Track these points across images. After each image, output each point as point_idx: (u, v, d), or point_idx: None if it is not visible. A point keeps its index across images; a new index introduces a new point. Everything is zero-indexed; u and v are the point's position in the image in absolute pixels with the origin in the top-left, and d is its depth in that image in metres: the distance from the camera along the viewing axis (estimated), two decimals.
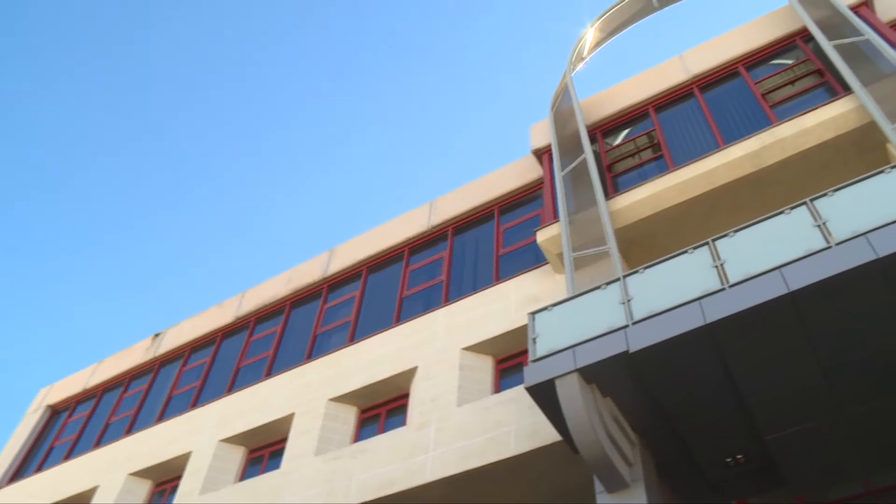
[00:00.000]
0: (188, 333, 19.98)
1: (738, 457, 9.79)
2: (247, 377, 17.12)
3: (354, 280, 17.47)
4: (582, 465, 10.03)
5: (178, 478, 16.24)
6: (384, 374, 14.04)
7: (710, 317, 8.37)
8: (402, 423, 13.14)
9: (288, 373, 15.95)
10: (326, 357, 15.57)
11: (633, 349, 8.66)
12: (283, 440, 14.75)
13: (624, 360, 8.79)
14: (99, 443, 18.97)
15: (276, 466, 14.20)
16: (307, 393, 14.90)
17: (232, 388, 17.03)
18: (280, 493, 13.09)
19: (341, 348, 15.52)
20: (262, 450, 15.34)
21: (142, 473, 16.77)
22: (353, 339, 15.67)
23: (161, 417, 17.96)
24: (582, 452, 8.86)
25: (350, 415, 14.27)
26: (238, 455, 15.42)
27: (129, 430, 18.45)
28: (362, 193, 63.46)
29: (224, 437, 15.55)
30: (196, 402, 17.55)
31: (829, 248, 8.27)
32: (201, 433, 16.09)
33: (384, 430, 13.58)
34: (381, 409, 14.12)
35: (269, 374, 16.52)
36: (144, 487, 16.72)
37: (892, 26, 13.45)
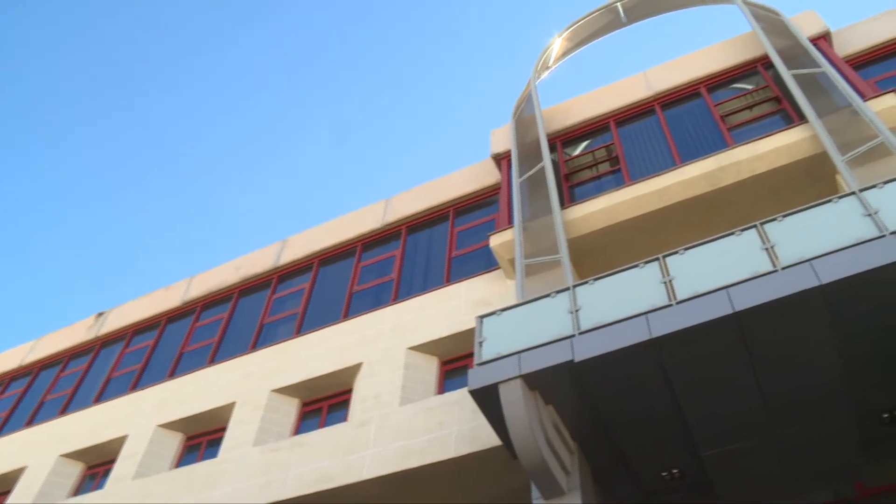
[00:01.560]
0: (132, 315, 19.66)
1: (674, 471, 9.92)
2: (190, 363, 16.89)
3: (305, 272, 17.35)
4: (519, 471, 10.08)
5: (112, 461, 15.96)
6: (328, 368, 13.96)
7: (656, 331, 8.47)
8: (344, 418, 13.08)
9: (232, 361, 15.78)
10: (272, 348, 15.44)
11: (578, 359, 8.72)
12: (223, 429, 14.59)
13: (568, 369, 8.85)
14: (31, 422, 18.57)
15: (214, 455, 14.03)
16: (250, 383, 14.75)
17: (174, 373, 16.79)
18: (216, 482, 12.94)
19: (287, 340, 15.41)
20: (201, 437, 15.15)
21: (74, 455, 16.45)
22: (300, 331, 15.56)
23: (98, 399, 17.64)
24: (521, 458, 8.90)
25: (292, 407, 14.17)
26: (175, 441, 15.21)
27: (64, 410, 18.09)
28: (319, 187, 63.12)
29: (162, 422, 15.32)
30: (136, 385, 17.27)
31: (776, 271, 8.44)
32: (139, 417, 15.84)
33: (325, 424, 13.50)
34: (324, 403, 14.03)
35: (213, 361, 16.33)
36: (75, 470, 16.41)
37: (847, 61, 13.82)
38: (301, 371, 14.27)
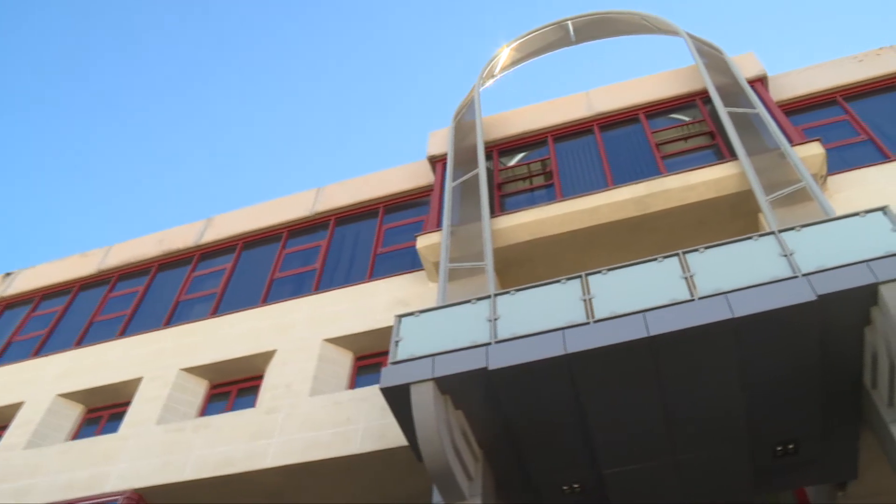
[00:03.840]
0: (43, 278, 19.00)
1: (575, 485, 10.03)
2: (99, 333, 16.41)
3: (228, 253, 17.06)
4: (423, 473, 10.05)
5: (4, 428, 15.38)
6: (241, 352, 13.75)
7: (571, 347, 8.57)
8: (252, 404, 12.88)
9: (143, 335, 15.39)
10: (186, 326, 15.13)
11: (491, 367, 8.76)
12: (126, 404, 14.17)
13: (481, 377, 8.88)
14: None
15: (114, 430, 13.64)
16: (159, 359, 14.41)
17: (81, 342, 16.29)
18: (112, 458, 12.58)
19: (202, 319, 15.11)
20: (102, 411, 14.72)
21: None
22: (217, 312, 15.30)
23: None
24: (425, 461, 8.90)
25: (200, 388, 13.90)
26: (75, 413, 14.75)
27: None
28: (251, 170, 62.09)
29: (63, 391, 14.83)
30: (39, 351, 16.68)
31: (692, 300, 8.66)
32: (39, 384, 15.29)
33: (232, 408, 13.28)
34: (233, 387, 13.81)
35: (124, 334, 15.91)
36: None
37: (780, 106, 14.29)
38: (213, 352, 14.02)
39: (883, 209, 9.10)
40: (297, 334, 13.52)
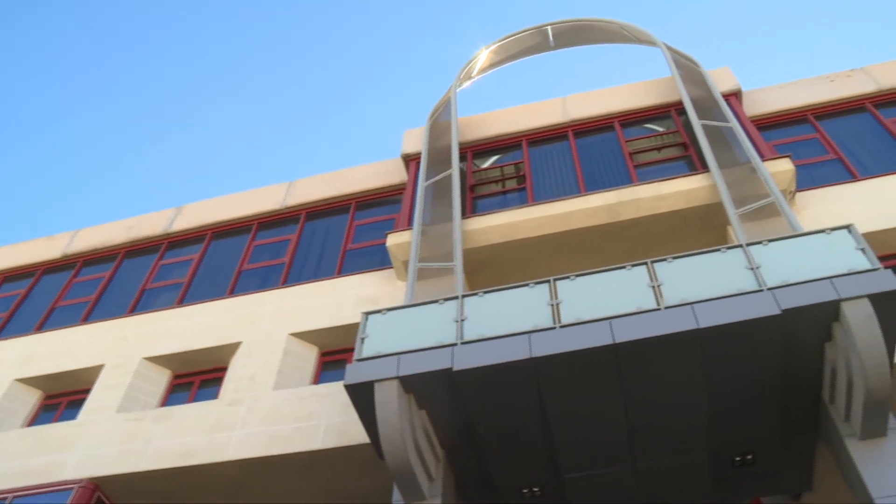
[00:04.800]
0: (6, 260, 18.66)
1: (535, 488, 10.06)
2: (61, 318, 16.18)
3: (196, 242, 16.91)
4: (383, 472, 10.04)
5: None
6: (206, 343, 13.63)
7: (537, 352, 8.61)
8: (215, 395, 12.77)
9: (106, 322, 15.18)
10: (150, 314, 14.96)
11: (456, 368, 8.77)
12: (86, 391, 13.98)
13: (446, 377, 8.88)
14: None
15: (73, 417, 13.45)
16: (122, 347, 14.24)
17: (42, 327, 16.05)
18: (69, 446, 12.40)
19: (168, 309, 14.96)
20: (61, 397, 14.50)
21: None
22: (183, 301, 15.15)
23: None
24: (387, 459, 8.89)
25: (162, 377, 13.76)
26: (33, 399, 14.51)
27: None
28: (223, 160, 61.59)
29: (21, 376, 14.56)
30: None
31: (658, 309, 8.74)
32: None
33: (195, 399, 13.16)
34: (196, 377, 13.69)
35: (87, 320, 15.69)
36: None
37: (753, 121, 14.47)
38: (177, 342, 13.88)
39: (848, 227, 9.25)
40: (262, 327, 13.44)
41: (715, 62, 25.93)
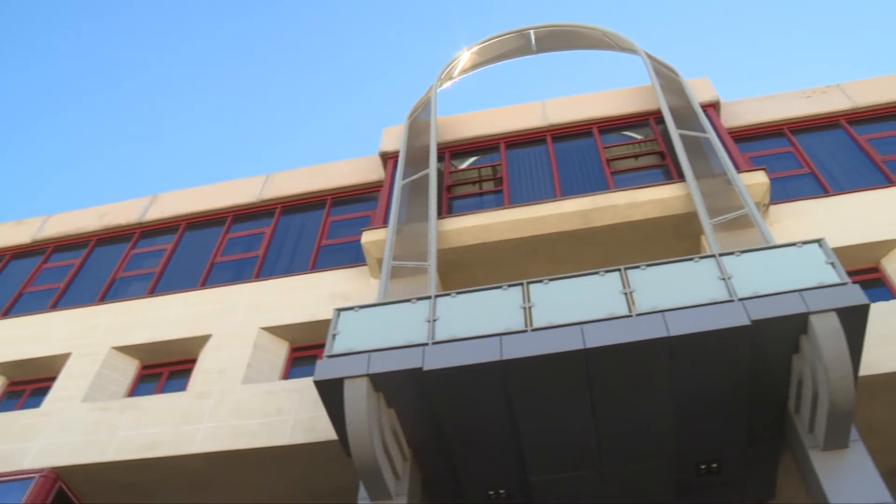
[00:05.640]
0: None
1: (501, 491, 10.08)
2: (28, 305, 15.94)
3: (170, 233, 16.76)
4: (350, 469, 10.01)
5: None
6: (176, 334, 13.51)
7: (508, 354, 8.63)
8: (183, 387, 12.66)
9: (75, 310, 14.98)
10: (121, 303, 14.79)
11: (427, 367, 8.77)
12: (52, 379, 13.78)
13: (416, 377, 8.88)
14: None
15: (37, 405, 13.26)
16: (91, 335, 14.06)
17: (8, 313, 15.82)
18: (32, 434, 12.23)
19: (138, 298, 14.80)
20: (25, 385, 14.29)
21: None
22: (154, 292, 15.01)
23: None
24: (354, 457, 8.87)
25: (131, 367, 13.62)
26: None
27: None
28: (200, 154, 61.14)
29: None
30: None
31: (630, 316, 8.82)
32: None
33: (163, 390, 13.03)
34: (165, 369, 13.56)
35: (55, 307, 15.49)
36: None
37: (730, 132, 14.60)
38: (147, 332, 13.75)
39: (819, 241, 9.37)
40: (234, 320, 13.36)
41: (695, 73, 26.16)
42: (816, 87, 15.75)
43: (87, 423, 12.12)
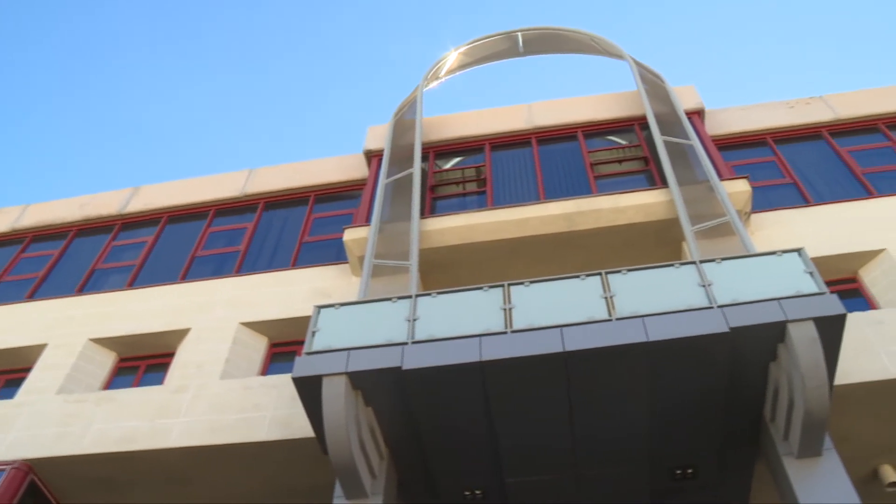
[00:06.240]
0: None
1: (477, 491, 10.09)
2: (5, 294, 15.75)
3: (151, 225, 16.66)
4: (326, 467, 9.99)
5: None
6: (154, 327, 13.42)
7: (487, 355, 8.64)
8: (160, 381, 12.57)
9: (53, 301, 14.85)
10: (99, 295, 14.69)
11: (406, 367, 8.76)
12: (26, 370, 13.65)
13: (395, 376, 8.87)
14: None
15: (10, 396, 13.11)
16: (68, 326, 13.94)
17: None
18: (5, 425, 12.07)
19: (117, 290, 14.69)
20: None
21: None
22: (133, 284, 14.90)
23: None
24: (331, 455, 8.86)
25: (108, 360, 13.51)
26: None
27: None
28: (185, 147, 60.81)
29: None
30: None
31: (609, 320, 8.84)
32: None
33: (140, 384, 12.95)
34: (142, 362, 13.47)
35: (32, 297, 15.35)
36: None
37: (714, 140, 14.68)
38: (125, 325, 13.65)
39: (798, 251, 9.44)
40: (213, 315, 13.29)
41: (680, 80, 26.30)
42: (800, 97, 15.87)
43: (62, 415, 12.01)
